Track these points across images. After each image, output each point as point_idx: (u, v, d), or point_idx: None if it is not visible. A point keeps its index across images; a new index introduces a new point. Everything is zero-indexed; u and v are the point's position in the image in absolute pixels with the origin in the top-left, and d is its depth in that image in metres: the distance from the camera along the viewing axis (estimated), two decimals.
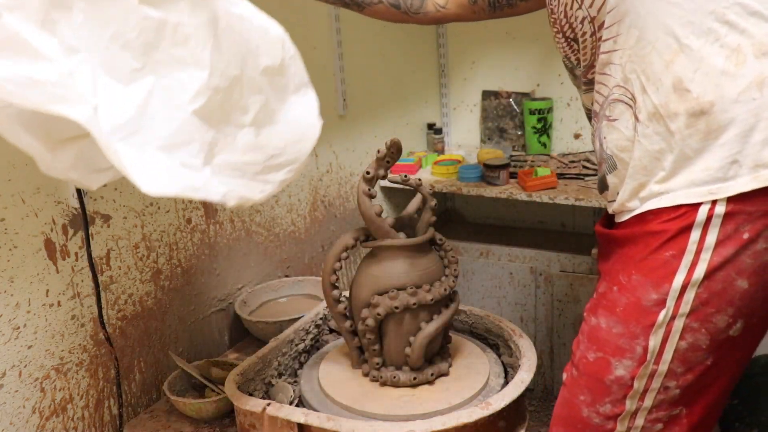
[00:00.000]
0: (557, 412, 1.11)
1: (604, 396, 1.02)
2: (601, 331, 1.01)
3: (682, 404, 1.01)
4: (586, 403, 1.04)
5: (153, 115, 0.82)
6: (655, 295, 0.94)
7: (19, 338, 1.23)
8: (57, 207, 1.27)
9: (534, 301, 2.16)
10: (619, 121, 0.97)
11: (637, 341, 0.97)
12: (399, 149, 1.23)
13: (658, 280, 0.94)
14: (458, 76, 2.53)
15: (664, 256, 0.93)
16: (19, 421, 1.24)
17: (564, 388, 1.09)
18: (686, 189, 0.91)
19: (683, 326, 0.94)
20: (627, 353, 0.98)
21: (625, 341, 0.98)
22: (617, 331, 0.99)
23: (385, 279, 1.22)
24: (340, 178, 2.10)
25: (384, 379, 1.25)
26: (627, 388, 1.00)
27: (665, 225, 0.93)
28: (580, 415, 1.05)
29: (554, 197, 1.94)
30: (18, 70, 0.71)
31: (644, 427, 1.02)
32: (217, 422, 1.37)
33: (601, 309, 1.01)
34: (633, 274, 0.96)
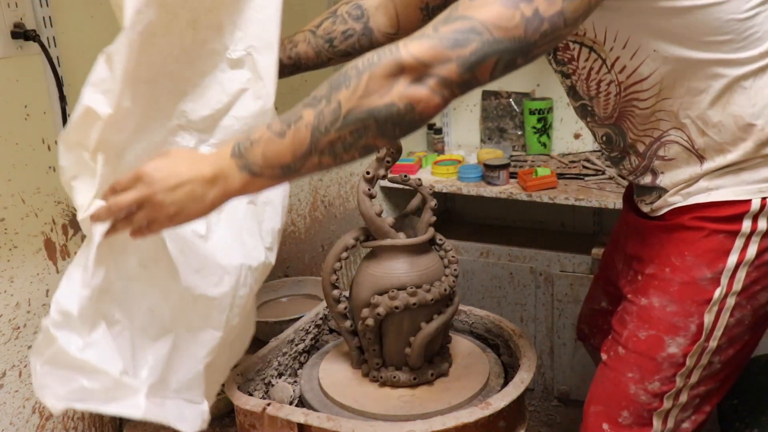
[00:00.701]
0: (596, 391, 1.15)
1: (653, 373, 1.06)
2: (653, 310, 1.05)
3: (718, 379, 1.08)
4: (634, 380, 1.08)
5: (176, 366, 1.04)
6: (709, 274, 1.00)
7: (19, 338, 1.23)
8: (57, 207, 1.27)
9: (534, 301, 2.16)
10: (677, 161, 1.03)
11: (691, 319, 1.02)
12: (399, 149, 1.24)
13: (713, 260, 1.00)
14: None
15: (718, 237, 1.00)
16: (19, 421, 1.24)
17: (604, 368, 1.13)
18: (735, 187, 1.00)
19: (734, 303, 1.01)
20: (681, 331, 1.03)
21: (680, 319, 1.03)
22: (671, 310, 1.03)
23: (385, 279, 1.22)
24: (340, 178, 2.10)
25: (384, 380, 1.25)
26: (679, 365, 1.05)
27: (717, 212, 1.00)
28: (627, 392, 1.08)
29: (554, 197, 1.94)
30: (72, 386, 0.87)
31: (686, 403, 1.09)
32: (217, 422, 1.37)
33: (653, 289, 1.06)
34: (687, 256, 1.02)
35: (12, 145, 1.19)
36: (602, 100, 1.07)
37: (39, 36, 1.16)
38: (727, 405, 1.46)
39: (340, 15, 1.20)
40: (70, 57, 1.25)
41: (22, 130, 1.20)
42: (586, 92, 1.08)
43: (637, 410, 1.09)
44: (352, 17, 1.19)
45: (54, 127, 1.23)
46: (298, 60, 1.19)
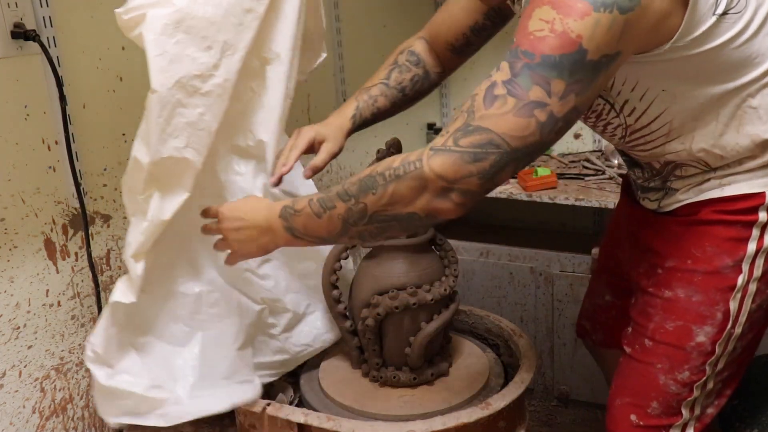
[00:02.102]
0: (622, 383, 1.17)
1: (683, 363, 1.09)
2: (679, 301, 1.08)
3: (737, 363, 1.13)
4: (663, 371, 1.10)
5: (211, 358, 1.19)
6: (731, 262, 1.04)
7: (19, 338, 1.23)
8: (57, 207, 1.27)
9: (534, 301, 2.16)
10: (694, 177, 1.06)
11: (717, 307, 1.06)
12: (399, 149, 1.23)
13: (733, 249, 1.03)
14: (458, 76, 2.51)
15: (735, 228, 1.03)
16: (19, 421, 1.24)
17: (630, 360, 1.15)
18: (748, 181, 1.03)
19: (756, 289, 1.05)
20: (708, 320, 1.06)
21: (706, 308, 1.06)
22: (697, 300, 1.06)
23: (385, 279, 1.22)
24: (340, 178, 2.10)
25: (384, 379, 1.25)
26: (708, 354, 1.08)
27: (733, 205, 1.03)
28: (656, 383, 1.11)
29: (554, 197, 1.94)
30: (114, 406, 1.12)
31: (711, 390, 1.13)
32: (217, 422, 1.37)
33: (676, 281, 1.08)
34: (707, 247, 1.04)
35: (12, 145, 1.19)
36: (607, 137, 1.12)
37: (39, 36, 1.15)
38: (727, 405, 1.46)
39: (403, 64, 1.30)
40: (70, 57, 1.25)
41: (22, 130, 1.20)
42: (592, 127, 1.12)
43: (666, 400, 1.11)
44: (413, 63, 1.30)
45: (54, 127, 1.23)
46: (378, 113, 1.29)
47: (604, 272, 1.40)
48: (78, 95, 1.27)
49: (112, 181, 1.36)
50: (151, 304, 1.16)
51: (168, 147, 1.07)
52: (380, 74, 1.30)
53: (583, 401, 2.18)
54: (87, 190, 1.30)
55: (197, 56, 1.07)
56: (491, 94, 0.86)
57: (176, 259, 1.19)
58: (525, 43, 0.85)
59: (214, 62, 1.09)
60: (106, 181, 1.35)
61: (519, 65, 0.85)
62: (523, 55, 0.85)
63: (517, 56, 0.85)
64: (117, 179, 1.37)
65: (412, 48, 1.31)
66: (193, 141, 1.09)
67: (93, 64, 1.30)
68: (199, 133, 1.09)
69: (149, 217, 1.08)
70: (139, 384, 1.11)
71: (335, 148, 1.26)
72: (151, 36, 1.02)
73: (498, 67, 0.87)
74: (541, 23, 0.85)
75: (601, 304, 1.43)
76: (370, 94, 1.29)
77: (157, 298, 1.17)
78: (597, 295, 1.45)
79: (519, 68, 0.85)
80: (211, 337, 1.20)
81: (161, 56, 1.03)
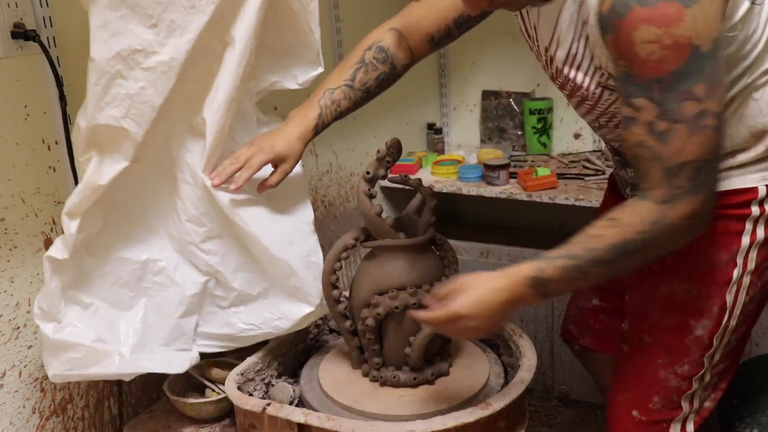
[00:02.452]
0: (622, 380, 1.21)
1: (683, 357, 1.13)
2: (677, 296, 1.12)
3: (732, 356, 1.16)
4: (663, 366, 1.14)
5: (152, 325, 1.27)
6: (726, 256, 1.08)
7: (19, 338, 1.23)
8: (57, 207, 1.27)
9: None
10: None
11: (713, 301, 1.10)
12: (399, 149, 1.23)
13: (728, 243, 1.08)
14: (458, 76, 2.53)
15: (730, 222, 1.07)
16: (19, 421, 1.24)
17: (629, 357, 1.19)
18: (741, 176, 1.06)
19: (749, 282, 1.09)
20: (706, 314, 1.10)
21: (704, 302, 1.10)
22: (695, 294, 1.10)
23: (385, 279, 1.22)
24: (340, 178, 2.10)
25: (384, 379, 1.25)
26: (706, 347, 1.12)
27: (727, 200, 1.05)
28: (657, 378, 1.15)
29: (554, 197, 1.94)
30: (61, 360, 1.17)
31: (708, 382, 1.16)
32: (217, 422, 1.37)
33: (673, 277, 1.12)
34: (703, 241, 1.05)
35: (12, 145, 1.19)
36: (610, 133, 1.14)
37: (39, 36, 1.16)
38: (727, 405, 1.46)
39: (369, 62, 1.28)
40: (70, 57, 1.25)
41: (22, 130, 1.20)
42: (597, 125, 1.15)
43: (667, 394, 1.15)
44: (379, 61, 1.28)
45: (54, 127, 1.23)
46: (339, 116, 1.30)
47: None
48: (78, 95, 1.27)
49: None
50: (97, 267, 1.23)
51: (105, 115, 1.12)
52: (344, 73, 1.28)
53: (583, 401, 2.18)
54: None
55: (140, 32, 1.11)
56: (656, 132, 0.93)
57: (124, 226, 1.25)
58: (647, 71, 0.90)
59: (160, 40, 1.12)
60: None
61: (656, 94, 0.91)
62: (655, 83, 0.91)
63: (649, 88, 0.91)
64: None
65: (381, 44, 1.29)
66: (133, 113, 1.13)
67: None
68: (140, 106, 1.13)
69: (85, 180, 1.13)
70: (87, 336, 1.18)
71: (291, 168, 1.26)
72: (97, 9, 1.07)
73: (633, 106, 0.93)
74: (649, 46, 0.89)
75: (589, 308, 1.44)
76: (333, 99, 1.28)
77: (104, 262, 1.23)
78: (584, 299, 1.46)
79: (659, 96, 0.91)
80: (154, 304, 1.28)
81: (103, 27, 1.07)
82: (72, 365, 1.16)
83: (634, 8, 0.88)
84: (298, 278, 1.27)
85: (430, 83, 2.52)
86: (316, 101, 1.28)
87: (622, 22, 0.89)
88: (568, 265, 0.99)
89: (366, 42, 1.30)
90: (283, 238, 1.28)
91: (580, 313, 1.48)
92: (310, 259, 1.29)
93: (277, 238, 1.26)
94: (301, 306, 1.29)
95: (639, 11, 0.88)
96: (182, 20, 1.13)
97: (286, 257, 1.26)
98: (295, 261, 1.27)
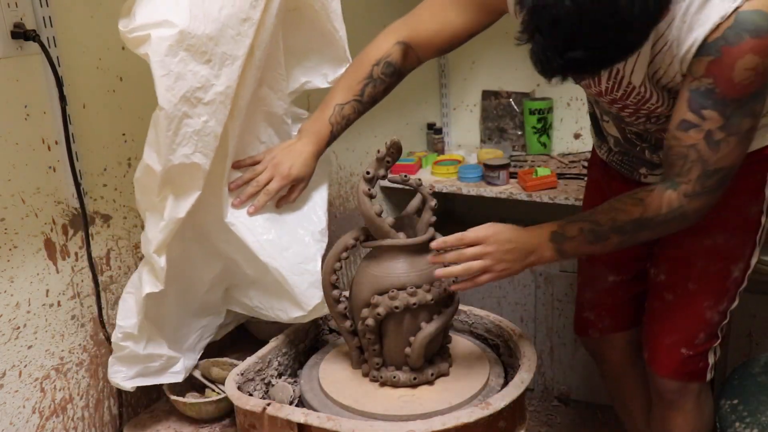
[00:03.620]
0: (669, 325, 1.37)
1: (724, 295, 1.33)
2: (719, 246, 1.30)
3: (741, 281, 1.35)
4: (709, 307, 1.33)
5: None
6: (755, 207, 1.29)
7: (19, 338, 1.23)
8: (57, 207, 1.27)
9: (534, 301, 2.16)
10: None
11: (747, 245, 1.31)
12: (399, 149, 1.23)
13: (757, 196, 1.29)
14: (458, 76, 2.53)
15: (756, 177, 1.27)
16: (19, 421, 1.24)
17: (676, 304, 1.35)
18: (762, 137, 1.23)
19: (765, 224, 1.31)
20: (741, 257, 1.32)
21: (739, 248, 1.31)
22: (734, 242, 1.30)
23: (385, 279, 1.22)
24: (340, 178, 2.10)
25: (384, 379, 1.25)
26: (740, 284, 1.34)
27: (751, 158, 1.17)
28: (703, 318, 1.34)
29: (554, 197, 1.94)
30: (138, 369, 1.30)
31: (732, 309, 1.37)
32: (217, 422, 1.37)
33: (714, 228, 1.29)
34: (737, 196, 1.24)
35: (12, 145, 1.19)
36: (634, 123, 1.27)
37: (39, 36, 1.15)
38: (727, 405, 1.46)
39: (377, 78, 1.33)
40: (70, 57, 1.25)
41: (22, 130, 1.20)
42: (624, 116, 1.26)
43: (711, 330, 1.35)
44: (387, 75, 1.33)
45: (54, 127, 1.23)
46: (348, 125, 1.36)
47: (598, 258, 1.50)
48: (78, 95, 1.27)
49: (112, 181, 1.36)
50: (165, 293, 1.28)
51: (177, 155, 1.16)
52: (353, 88, 1.32)
53: (583, 401, 2.18)
54: (87, 190, 1.30)
55: (198, 70, 1.14)
56: (712, 140, 1.05)
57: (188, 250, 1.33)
58: (732, 92, 1.01)
59: (215, 72, 1.16)
60: (106, 181, 1.35)
61: (729, 110, 1.03)
62: (733, 102, 1.02)
63: (725, 104, 1.03)
64: (117, 179, 1.37)
65: (389, 59, 1.32)
66: (200, 147, 1.18)
67: (93, 64, 1.30)
68: (206, 139, 1.18)
69: (166, 217, 1.18)
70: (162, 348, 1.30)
71: (306, 185, 1.34)
72: (156, 57, 1.09)
73: (701, 116, 1.04)
74: (746, 72, 0.99)
75: (606, 288, 1.53)
76: (343, 114, 1.32)
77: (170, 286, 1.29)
78: (598, 281, 1.54)
79: (730, 112, 1.03)
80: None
81: (167, 76, 1.10)
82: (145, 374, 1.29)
83: (745, 39, 0.97)
84: (289, 285, 1.29)
85: (430, 83, 2.53)
86: (326, 117, 1.32)
87: (730, 49, 0.99)
88: (590, 229, 1.15)
89: (372, 56, 1.32)
90: (278, 245, 1.30)
91: (596, 296, 1.56)
92: (304, 267, 1.31)
93: (271, 245, 1.29)
94: (294, 308, 1.32)
95: (750, 42, 0.97)
96: (232, 49, 1.18)
97: (277, 264, 1.29)
98: (286, 268, 1.29)
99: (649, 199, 1.13)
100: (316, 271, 1.31)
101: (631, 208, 1.14)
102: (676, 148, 1.10)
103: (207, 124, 1.17)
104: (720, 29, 0.99)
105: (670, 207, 1.12)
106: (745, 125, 1.05)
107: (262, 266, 1.29)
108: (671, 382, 1.40)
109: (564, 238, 1.16)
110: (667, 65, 1.09)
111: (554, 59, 0.94)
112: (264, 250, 1.29)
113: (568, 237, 1.16)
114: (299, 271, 1.30)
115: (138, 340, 1.25)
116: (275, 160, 1.30)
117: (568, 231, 1.16)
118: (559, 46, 0.93)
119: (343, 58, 1.38)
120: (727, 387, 1.54)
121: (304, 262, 1.31)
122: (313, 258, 1.33)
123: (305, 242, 1.34)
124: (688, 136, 1.07)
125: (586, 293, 1.57)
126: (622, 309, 1.53)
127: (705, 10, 1.00)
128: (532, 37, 0.95)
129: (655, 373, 1.41)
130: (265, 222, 1.31)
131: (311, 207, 1.39)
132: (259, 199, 1.29)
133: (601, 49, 0.93)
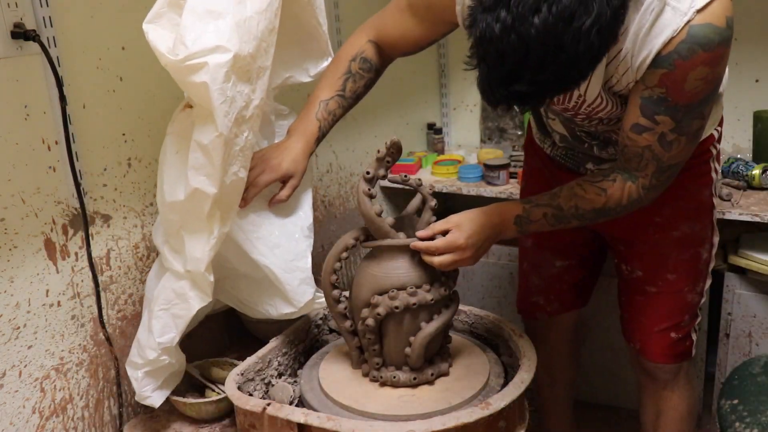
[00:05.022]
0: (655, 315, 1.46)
1: (699, 277, 1.45)
2: (687, 234, 1.40)
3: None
4: (689, 291, 1.44)
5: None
6: (707, 191, 1.41)
7: (19, 338, 1.23)
8: (57, 207, 1.27)
9: None
10: None
11: (707, 228, 1.43)
12: (399, 149, 1.23)
13: (707, 181, 1.40)
14: (458, 76, 2.53)
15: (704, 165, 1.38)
16: (19, 421, 1.24)
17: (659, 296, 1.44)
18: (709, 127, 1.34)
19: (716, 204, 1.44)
20: (707, 239, 1.43)
21: (705, 232, 1.42)
22: (698, 228, 1.41)
23: (385, 279, 1.22)
24: (340, 178, 2.10)
25: (384, 379, 1.25)
26: (708, 263, 1.45)
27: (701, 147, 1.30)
28: (686, 302, 1.45)
29: None
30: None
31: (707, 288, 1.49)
32: (217, 422, 1.37)
33: (678, 221, 1.40)
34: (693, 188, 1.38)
35: (12, 145, 1.19)
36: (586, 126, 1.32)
37: (39, 36, 1.15)
38: (727, 405, 1.46)
39: (356, 73, 1.35)
40: (70, 57, 1.25)
41: (22, 130, 1.20)
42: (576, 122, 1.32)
43: (692, 310, 1.46)
44: (365, 70, 1.35)
45: (54, 127, 1.23)
46: (335, 122, 1.37)
47: (550, 244, 1.59)
48: (78, 95, 1.27)
49: (112, 181, 1.36)
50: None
51: (229, 175, 1.18)
52: (335, 84, 1.34)
53: (582, 401, 2.17)
54: (87, 190, 1.30)
55: (243, 89, 1.14)
56: (665, 141, 1.12)
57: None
58: (682, 98, 1.07)
59: (252, 88, 1.17)
60: (106, 181, 1.35)
61: (680, 114, 1.09)
62: (684, 108, 1.08)
63: (676, 110, 1.08)
64: (117, 179, 1.37)
65: (364, 55, 1.35)
66: (244, 162, 1.20)
67: (93, 64, 1.30)
68: (247, 153, 1.20)
69: (216, 234, 1.20)
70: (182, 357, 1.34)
71: (298, 183, 1.33)
72: (216, 86, 1.09)
73: (654, 120, 1.10)
74: (697, 82, 1.05)
75: (553, 273, 1.61)
76: (328, 110, 1.33)
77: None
78: (545, 266, 1.62)
79: (680, 116, 1.09)
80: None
81: (225, 102, 1.11)
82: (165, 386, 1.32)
83: (698, 53, 1.02)
84: (280, 282, 1.29)
85: (430, 83, 2.53)
86: (312, 115, 1.33)
87: (683, 62, 1.03)
88: (553, 214, 1.22)
89: (348, 52, 1.35)
90: (269, 243, 1.30)
91: (545, 282, 1.63)
92: (295, 264, 1.31)
93: (261, 243, 1.29)
94: (284, 304, 1.33)
95: (701, 55, 1.02)
96: (264, 61, 1.18)
97: (268, 262, 1.29)
98: (278, 266, 1.30)
99: (611, 191, 1.20)
100: (307, 267, 1.32)
101: (594, 197, 1.20)
102: (631, 147, 1.16)
103: (248, 138, 1.18)
104: (672, 43, 1.03)
105: (630, 198, 1.20)
106: (695, 126, 1.13)
107: (252, 263, 1.30)
108: (665, 366, 1.50)
109: (528, 222, 1.23)
110: (621, 75, 1.12)
111: (498, 90, 0.96)
112: (255, 248, 1.29)
113: (532, 221, 1.23)
114: (290, 269, 1.31)
115: (173, 353, 1.28)
116: (265, 157, 1.30)
117: (533, 215, 1.22)
118: (504, 79, 0.94)
119: (325, 52, 1.38)
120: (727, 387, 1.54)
121: (295, 259, 1.32)
122: (303, 254, 1.33)
123: (295, 238, 1.34)
124: (642, 138, 1.13)
125: (533, 279, 1.65)
126: (569, 292, 1.65)
127: (659, 24, 1.03)
128: (479, 65, 0.96)
129: (650, 360, 1.50)
130: (255, 219, 1.31)
131: (298, 203, 1.39)
132: (249, 192, 1.27)
133: (545, 83, 0.94)
